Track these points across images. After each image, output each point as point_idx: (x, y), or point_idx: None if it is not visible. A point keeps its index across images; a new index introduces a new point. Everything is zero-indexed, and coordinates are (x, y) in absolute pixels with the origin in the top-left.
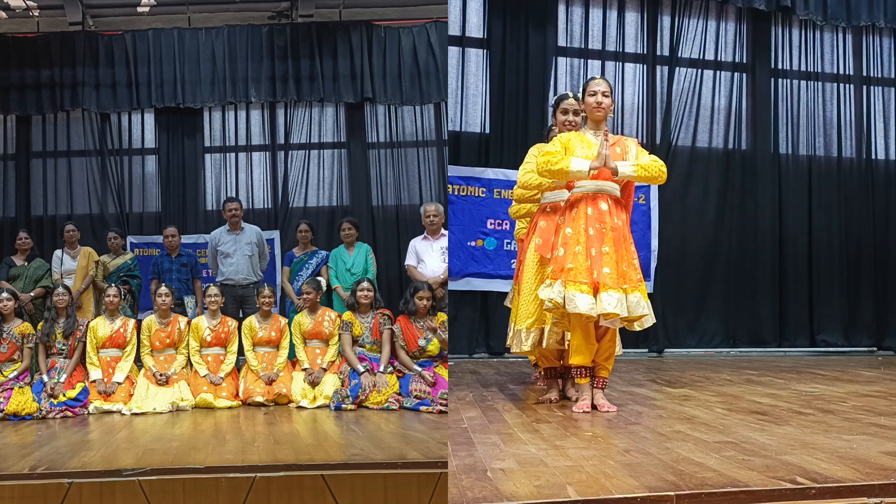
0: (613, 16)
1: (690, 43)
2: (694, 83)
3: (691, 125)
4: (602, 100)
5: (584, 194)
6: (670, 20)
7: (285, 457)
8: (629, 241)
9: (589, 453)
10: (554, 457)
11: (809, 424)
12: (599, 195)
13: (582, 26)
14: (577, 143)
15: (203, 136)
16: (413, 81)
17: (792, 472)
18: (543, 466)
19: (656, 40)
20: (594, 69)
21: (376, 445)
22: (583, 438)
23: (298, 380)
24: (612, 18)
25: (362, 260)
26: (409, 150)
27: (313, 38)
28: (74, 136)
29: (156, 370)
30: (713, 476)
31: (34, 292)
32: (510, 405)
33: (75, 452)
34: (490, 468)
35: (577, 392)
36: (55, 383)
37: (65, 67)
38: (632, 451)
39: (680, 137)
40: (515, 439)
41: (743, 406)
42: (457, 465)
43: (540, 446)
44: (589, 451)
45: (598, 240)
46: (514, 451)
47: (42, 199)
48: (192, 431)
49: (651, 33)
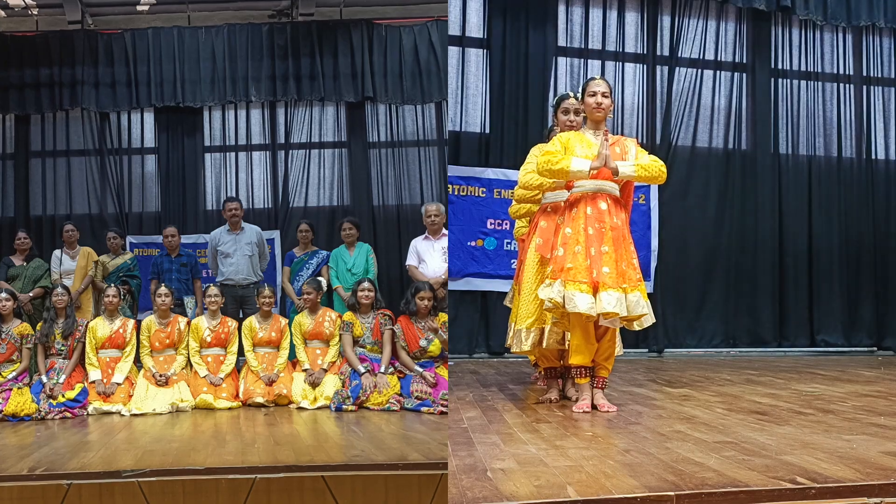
0: (613, 16)
1: (690, 43)
2: (694, 83)
3: (691, 125)
4: (602, 100)
5: (583, 194)
6: (670, 20)
7: (286, 458)
8: (629, 240)
9: (589, 453)
10: (554, 457)
11: (809, 424)
12: (599, 195)
13: (582, 26)
14: (577, 143)
15: (203, 136)
16: (414, 80)
17: (792, 471)
18: (543, 466)
19: (656, 40)
20: (594, 69)
21: (377, 447)
22: (583, 438)
23: (299, 380)
24: (612, 18)
25: (363, 260)
26: (411, 149)
27: (314, 36)
28: (74, 135)
29: (155, 371)
30: (713, 476)
31: (33, 292)
32: (510, 405)
33: (74, 454)
34: (490, 468)
35: (577, 392)
36: (54, 384)
37: (64, 66)
38: (632, 451)
39: (680, 137)
40: (515, 439)
41: (743, 406)
42: (457, 465)
43: (540, 446)
44: (589, 451)
45: (598, 239)
46: (514, 451)
47: (41, 199)
48: (191, 432)
49: (651, 33)
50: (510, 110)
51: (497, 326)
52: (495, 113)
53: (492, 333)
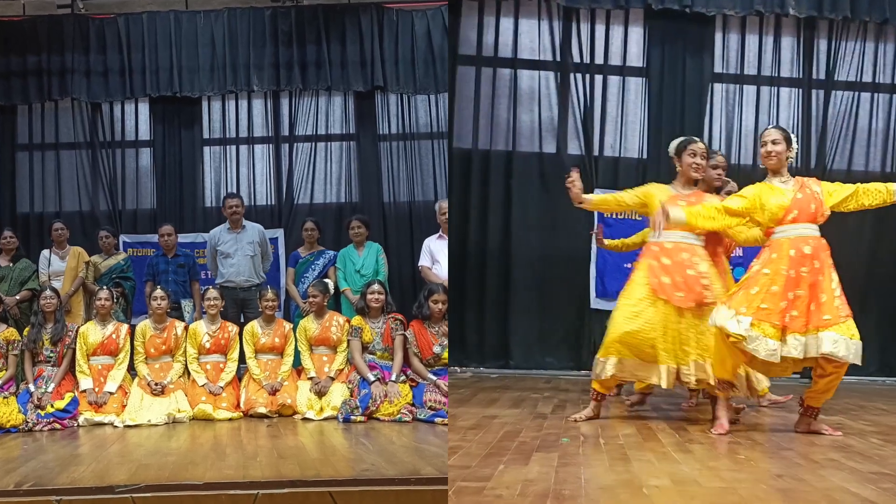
0: (770, 41)
1: (847, 65)
2: (850, 106)
3: (847, 149)
4: (772, 148)
5: (786, 238)
6: (826, 43)
7: (290, 472)
8: (828, 280)
9: (742, 476)
10: (707, 477)
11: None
12: (801, 239)
13: (738, 52)
14: (768, 193)
15: (201, 128)
16: (427, 68)
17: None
18: (697, 486)
19: (812, 64)
20: (749, 94)
21: (388, 460)
22: (735, 461)
23: (304, 389)
24: (768, 44)
25: (373, 260)
26: (423, 142)
27: (320, 21)
28: (63, 127)
29: (150, 379)
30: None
31: (20, 295)
32: (664, 424)
33: (64, 467)
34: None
35: (717, 412)
36: (42, 393)
37: (53, 53)
38: (784, 477)
39: (835, 161)
40: (668, 458)
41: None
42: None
43: (693, 466)
44: (741, 474)
45: (796, 283)
46: (668, 470)
47: (28, 196)
48: (189, 445)
49: (807, 57)
50: (667, 136)
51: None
52: (653, 139)
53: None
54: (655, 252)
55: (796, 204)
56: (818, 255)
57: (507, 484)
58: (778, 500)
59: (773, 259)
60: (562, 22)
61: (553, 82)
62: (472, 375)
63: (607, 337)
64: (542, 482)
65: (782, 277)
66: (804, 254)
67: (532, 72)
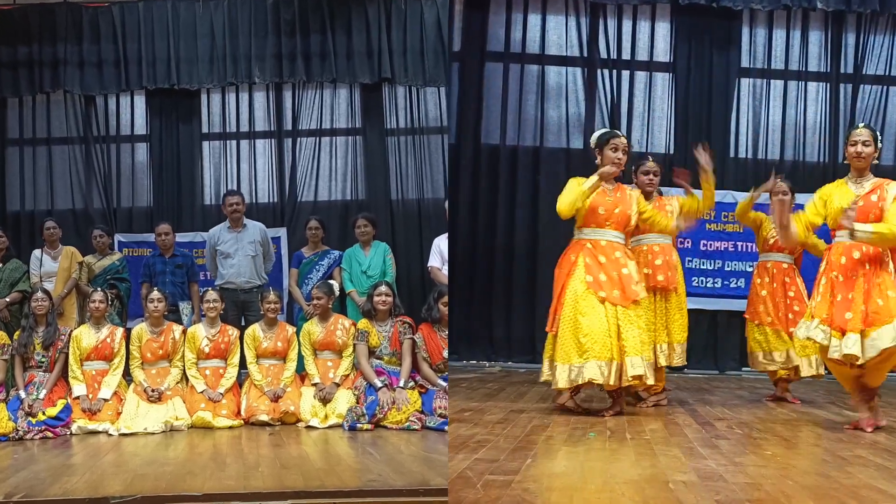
0: (797, 35)
1: (876, 59)
2: (879, 100)
3: None
4: (862, 149)
5: (840, 243)
6: (855, 37)
7: (293, 483)
8: (886, 283)
9: (768, 472)
10: (733, 473)
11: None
12: (853, 245)
13: (765, 47)
14: (837, 194)
15: (200, 122)
16: (437, 59)
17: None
18: (723, 482)
19: (840, 58)
20: (777, 89)
21: (396, 470)
22: (762, 457)
23: (308, 396)
24: (795, 38)
25: (380, 261)
26: (433, 136)
27: (324, 10)
28: (55, 121)
29: (147, 385)
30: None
31: (10, 297)
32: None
33: (56, 478)
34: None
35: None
36: (34, 400)
37: (44, 44)
38: (811, 473)
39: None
40: (695, 454)
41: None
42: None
43: (719, 462)
44: (768, 470)
45: (846, 287)
46: (695, 465)
47: (19, 193)
48: (187, 454)
49: (835, 51)
50: (693, 131)
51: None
52: (679, 134)
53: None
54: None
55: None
56: (869, 259)
57: (535, 478)
58: (804, 496)
59: (825, 266)
60: (589, 18)
61: (580, 78)
62: (500, 370)
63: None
64: (569, 476)
65: (832, 283)
66: (854, 259)
67: (559, 68)
